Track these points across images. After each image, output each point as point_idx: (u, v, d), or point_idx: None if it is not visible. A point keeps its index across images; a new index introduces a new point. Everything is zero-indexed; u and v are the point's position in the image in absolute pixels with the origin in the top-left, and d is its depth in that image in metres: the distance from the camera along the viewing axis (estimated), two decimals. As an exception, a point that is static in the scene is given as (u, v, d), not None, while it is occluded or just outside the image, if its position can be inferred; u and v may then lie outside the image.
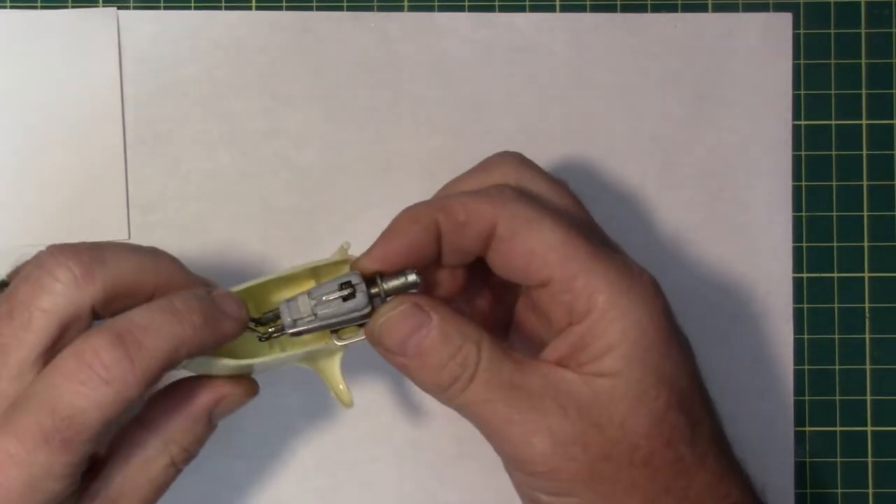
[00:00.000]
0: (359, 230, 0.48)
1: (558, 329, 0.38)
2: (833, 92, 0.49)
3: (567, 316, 0.37)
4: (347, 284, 0.37)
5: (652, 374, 0.36)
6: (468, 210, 0.38)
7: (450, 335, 0.37)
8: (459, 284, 0.41)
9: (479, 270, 0.41)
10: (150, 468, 0.37)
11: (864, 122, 0.49)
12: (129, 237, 0.48)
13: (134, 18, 0.48)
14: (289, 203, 0.48)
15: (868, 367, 0.49)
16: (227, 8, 0.49)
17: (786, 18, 0.49)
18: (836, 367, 0.49)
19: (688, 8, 0.49)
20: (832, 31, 0.49)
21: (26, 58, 0.48)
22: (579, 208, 0.41)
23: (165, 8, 0.48)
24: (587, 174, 0.49)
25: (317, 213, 0.48)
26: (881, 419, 0.49)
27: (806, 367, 0.49)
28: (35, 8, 0.48)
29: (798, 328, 0.49)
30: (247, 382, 0.39)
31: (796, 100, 0.49)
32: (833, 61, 0.49)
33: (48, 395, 0.34)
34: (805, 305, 0.49)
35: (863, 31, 0.49)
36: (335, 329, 0.38)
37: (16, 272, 0.40)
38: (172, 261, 0.39)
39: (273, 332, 0.38)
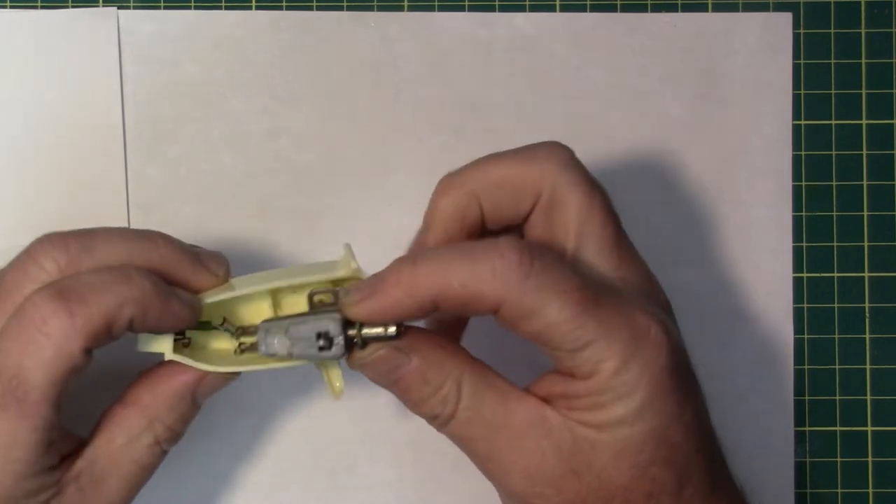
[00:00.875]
0: (359, 230, 0.48)
1: (558, 365, 0.37)
2: (833, 92, 0.49)
3: (569, 367, 0.36)
4: (326, 335, 0.37)
5: (639, 432, 0.35)
6: (467, 290, 0.35)
7: (428, 377, 0.37)
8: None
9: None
10: (134, 447, 0.37)
11: (864, 122, 0.49)
12: (129, 237, 0.48)
13: (134, 18, 0.48)
14: (289, 203, 0.48)
15: (868, 367, 0.49)
16: (227, 8, 0.49)
17: (786, 18, 0.49)
18: (836, 367, 0.49)
19: (688, 8, 0.49)
20: (832, 30, 0.49)
21: (26, 58, 0.48)
22: (609, 223, 0.39)
23: (165, 8, 0.48)
24: (587, 174, 0.49)
25: (317, 213, 0.48)
26: (881, 419, 0.49)
27: (806, 367, 0.49)
28: (35, 8, 0.48)
29: (798, 328, 0.49)
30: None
31: (796, 100, 0.49)
32: (833, 61, 0.49)
33: None
34: (805, 305, 0.49)
35: (863, 31, 0.49)
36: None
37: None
38: (168, 244, 0.38)
39: (249, 348, 0.38)
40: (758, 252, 0.49)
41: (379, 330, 0.37)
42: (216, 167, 0.48)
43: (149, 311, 0.36)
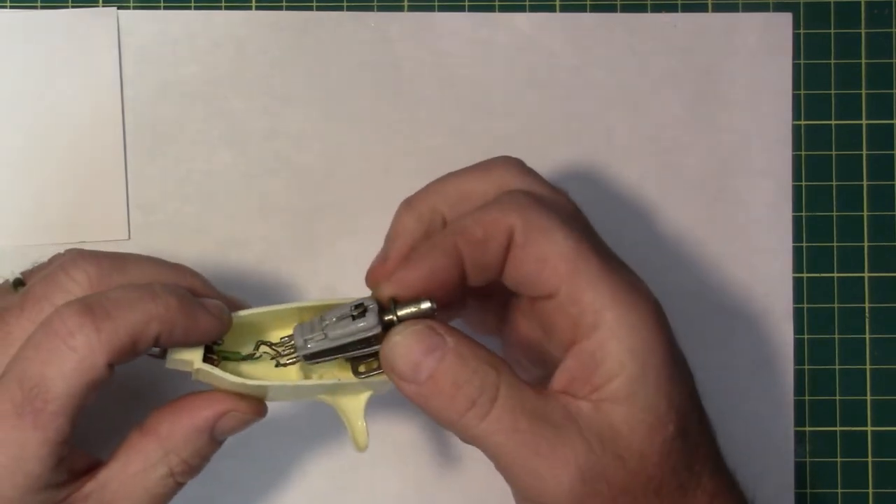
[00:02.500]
0: (359, 230, 0.48)
1: (562, 343, 0.37)
2: (833, 92, 0.49)
3: (572, 329, 0.36)
4: (360, 306, 0.36)
5: (663, 398, 0.35)
6: (485, 225, 0.37)
7: (465, 357, 0.35)
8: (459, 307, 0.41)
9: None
10: (148, 477, 0.37)
11: (864, 122, 0.49)
12: (129, 237, 0.48)
13: (134, 18, 0.48)
14: (289, 203, 0.48)
15: (868, 367, 0.49)
16: (227, 8, 0.49)
17: (786, 18, 0.49)
18: (836, 367, 0.49)
19: (688, 8, 0.49)
20: (832, 31, 0.49)
21: (26, 58, 0.48)
22: (580, 216, 0.40)
23: (165, 8, 0.48)
24: (587, 174, 0.49)
25: (317, 213, 0.48)
26: (881, 419, 0.49)
27: (806, 367, 0.49)
28: (35, 8, 0.48)
29: (798, 328, 0.49)
30: (254, 402, 0.38)
31: (796, 100, 0.49)
32: (833, 61, 0.49)
33: (19, 368, 0.34)
34: (805, 305, 0.49)
35: (863, 31, 0.49)
36: (355, 365, 0.38)
37: (30, 272, 0.40)
38: (195, 277, 0.39)
39: (286, 354, 0.38)
40: (758, 252, 0.49)
41: (413, 308, 0.36)
42: (216, 167, 0.48)
43: (175, 327, 0.36)
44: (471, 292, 0.39)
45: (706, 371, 0.39)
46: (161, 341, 0.36)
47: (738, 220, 0.49)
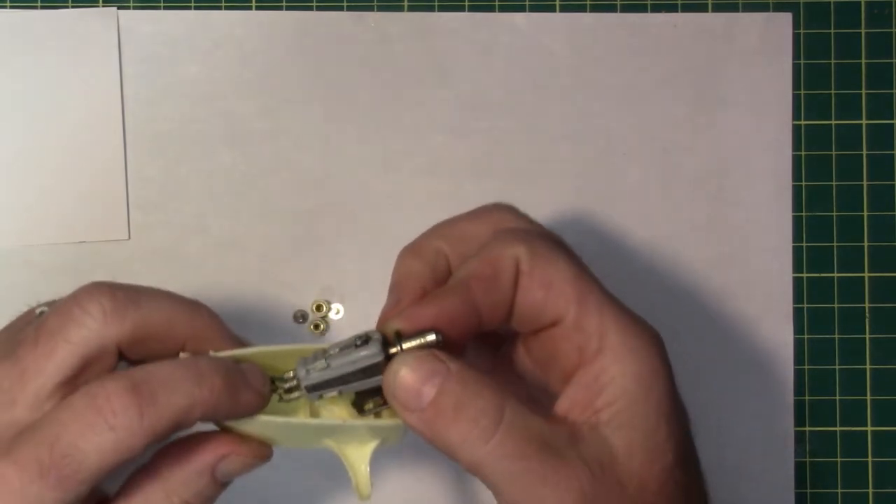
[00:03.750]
0: (359, 230, 0.48)
1: (566, 370, 0.36)
2: (833, 92, 0.49)
3: (577, 355, 0.36)
4: (364, 337, 0.36)
5: (664, 425, 0.35)
6: (492, 261, 0.36)
7: (468, 382, 0.35)
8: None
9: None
10: None
11: (864, 122, 0.49)
12: (129, 237, 0.48)
13: (134, 18, 0.48)
14: (289, 203, 0.48)
15: (868, 367, 0.49)
16: (227, 8, 0.49)
17: (786, 18, 0.49)
18: (836, 367, 0.49)
19: (688, 8, 0.49)
20: (832, 31, 0.49)
21: (26, 58, 0.48)
22: (577, 255, 0.39)
23: (165, 8, 0.48)
24: (587, 174, 0.49)
25: (317, 213, 0.48)
26: (881, 419, 0.49)
27: (806, 367, 0.49)
28: (35, 8, 0.48)
29: (798, 328, 0.49)
30: (256, 444, 0.38)
31: (796, 100, 0.49)
32: (833, 61, 0.49)
33: (53, 430, 0.34)
34: (805, 305, 0.49)
35: (863, 31, 0.49)
36: (360, 402, 0.37)
37: (54, 303, 0.39)
38: (211, 316, 0.38)
39: (288, 388, 0.37)
40: (758, 252, 0.49)
41: (417, 340, 0.35)
42: (216, 167, 0.48)
43: (218, 410, 0.35)
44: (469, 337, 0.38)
45: (707, 371, 0.39)
46: (202, 420, 0.36)
47: (738, 220, 0.49)
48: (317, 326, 0.48)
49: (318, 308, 0.48)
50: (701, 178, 0.49)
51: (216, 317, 0.38)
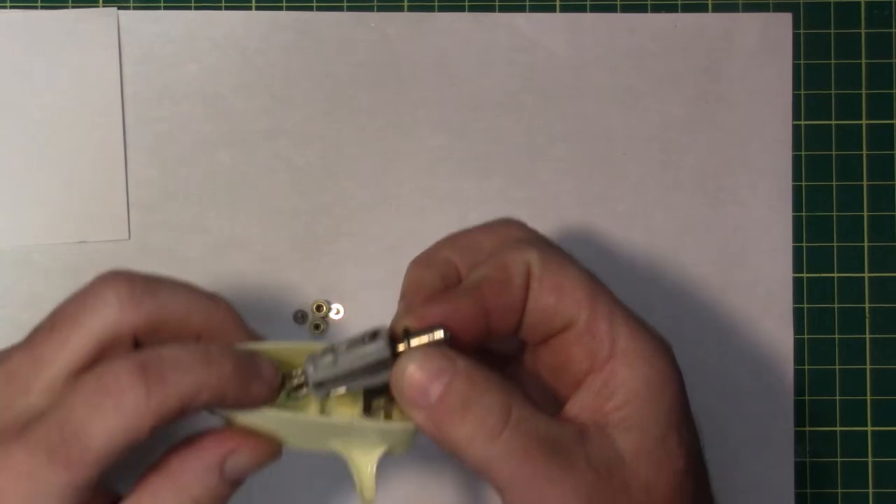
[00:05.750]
0: (359, 230, 0.48)
1: (577, 376, 0.36)
2: (833, 92, 0.49)
3: (588, 360, 0.36)
4: (373, 333, 0.36)
5: (673, 431, 0.35)
6: (503, 266, 0.36)
7: (476, 380, 0.35)
8: None
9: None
10: None
11: (864, 122, 0.49)
12: (129, 237, 0.48)
13: (134, 18, 0.48)
14: (289, 203, 0.48)
15: (868, 367, 0.49)
16: (227, 8, 0.49)
17: (786, 18, 0.49)
18: (836, 367, 0.49)
19: (688, 8, 0.49)
20: (832, 31, 0.49)
21: (26, 58, 0.48)
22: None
23: (165, 8, 0.48)
24: (587, 174, 0.49)
25: (317, 213, 0.48)
26: (881, 419, 0.49)
27: (806, 367, 0.49)
28: (35, 8, 0.48)
29: (798, 328, 0.49)
30: (265, 440, 0.37)
31: (796, 100, 0.49)
32: (833, 61, 0.49)
33: (62, 413, 0.34)
34: (805, 305, 0.49)
35: (863, 31, 0.49)
36: (367, 401, 0.37)
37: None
38: (228, 309, 0.38)
39: (297, 385, 0.37)
40: (758, 252, 0.49)
41: (425, 337, 0.35)
42: (216, 167, 0.48)
43: (226, 396, 0.35)
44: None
45: (707, 371, 0.39)
46: (210, 406, 0.36)
47: (738, 220, 0.49)
48: (317, 326, 0.48)
49: (318, 308, 0.48)
50: (701, 178, 0.49)
51: (233, 311, 0.38)
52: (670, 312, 0.48)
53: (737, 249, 0.49)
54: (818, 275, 0.49)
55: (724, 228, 0.49)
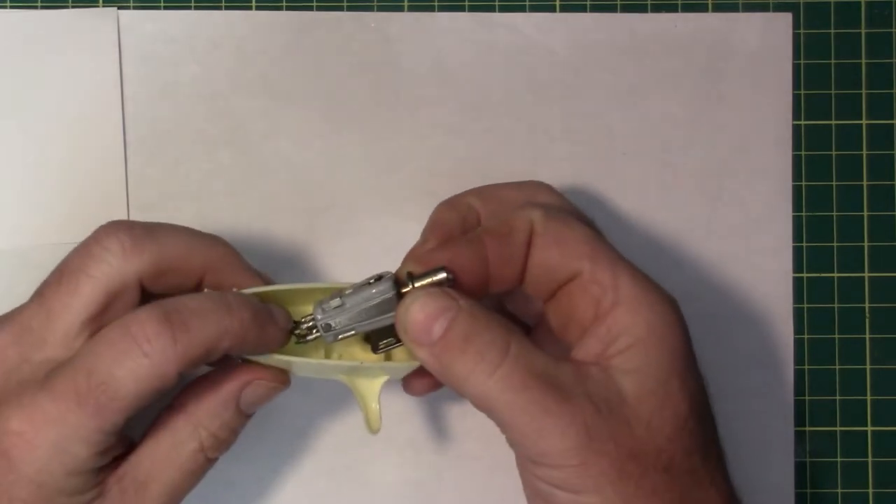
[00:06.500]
0: (359, 230, 0.48)
1: (583, 325, 0.37)
2: (833, 92, 0.49)
3: (593, 309, 0.37)
4: (378, 277, 0.38)
5: (676, 376, 0.36)
6: (509, 221, 0.38)
7: (478, 317, 0.36)
8: None
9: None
10: (179, 453, 0.38)
11: (864, 122, 0.49)
12: (129, 237, 0.48)
13: (134, 18, 0.48)
14: (289, 203, 0.48)
15: (868, 367, 0.49)
16: (227, 8, 0.49)
17: (786, 18, 0.49)
18: (836, 367, 0.49)
19: (688, 8, 0.49)
20: (832, 31, 0.49)
21: (26, 58, 0.48)
22: (603, 235, 0.41)
23: (165, 8, 0.48)
24: (587, 174, 0.49)
25: (317, 213, 0.48)
26: (881, 419, 0.49)
27: (806, 367, 0.49)
28: (35, 8, 0.48)
29: (798, 328, 0.49)
30: (276, 371, 0.39)
31: (796, 100, 0.49)
32: (833, 61, 0.49)
33: (88, 360, 0.35)
34: (805, 305, 0.49)
35: (863, 31, 0.49)
36: (374, 341, 0.39)
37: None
38: (227, 247, 0.40)
39: (307, 329, 0.39)
40: (758, 252, 0.49)
41: (428, 278, 0.37)
42: (216, 167, 0.48)
43: (246, 342, 0.37)
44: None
45: (706, 371, 0.39)
46: (229, 352, 0.37)
47: (738, 220, 0.49)
48: (317, 326, 0.48)
49: (318, 308, 0.48)
50: (701, 178, 0.49)
51: (232, 248, 0.40)
52: (670, 312, 0.48)
53: (737, 249, 0.49)
54: (818, 275, 0.49)
55: (724, 228, 0.49)
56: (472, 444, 0.48)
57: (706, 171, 0.49)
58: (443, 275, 0.37)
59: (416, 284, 0.37)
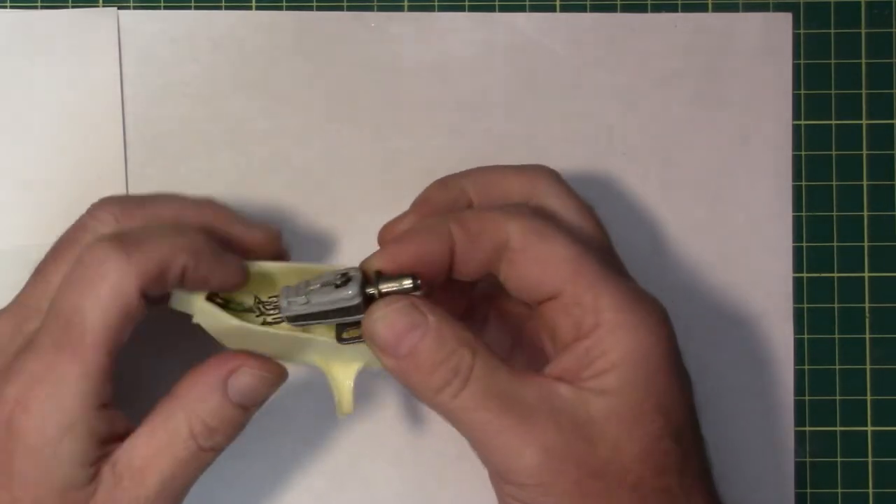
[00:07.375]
0: (359, 230, 0.48)
1: (563, 344, 0.37)
2: (833, 92, 0.49)
3: (574, 331, 0.37)
4: (345, 276, 0.37)
5: (651, 397, 0.36)
6: (482, 220, 0.38)
7: (445, 338, 0.36)
8: (459, 313, 0.41)
9: (481, 303, 0.42)
10: (172, 440, 0.37)
11: (864, 122, 0.49)
12: (129, 237, 0.48)
13: (134, 18, 0.48)
14: (289, 203, 0.48)
15: (868, 367, 0.49)
16: (227, 8, 0.49)
17: (786, 18, 0.49)
18: (836, 367, 0.49)
19: (688, 8, 0.49)
20: (832, 31, 0.49)
21: (26, 58, 0.48)
22: (600, 234, 0.41)
23: (165, 8, 0.48)
24: (587, 174, 0.49)
25: (317, 213, 0.48)
26: (881, 419, 0.49)
27: (806, 367, 0.49)
28: (35, 8, 0.48)
29: (798, 328, 0.49)
30: (265, 360, 0.39)
31: (796, 100, 0.49)
32: (833, 61, 0.49)
33: (56, 304, 0.36)
34: (805, 305, 0.49)
35: (863, 31, 0.49)
36: (339, 331, 0.39)
37: None
38: (220, 208, 0.40)
39: (270, 313, 0.39)
40: (758, 252, 0.49)
41: (395, 284, 0.37)
42: (216, 167, 0.48)
43: (201, 262, 0.37)
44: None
45: (706, 371, 0.39)
46: (187, 277, 0.37)
47: (738, 220, 0.49)
48: (317, 326, 0.48)
49: (318, 308, 0.48)
50: (701, 178, 0.49)
51: (226, 208, 0.41)
52: (670, 312, 0.47)
53: (737, 249, 0.49)
54: (818, 275, 0.49)
55: (724, 228, 0.49)
56: (472, 444, 0.48)
57: (706, 171, 0.49)
58: (409, 282, 0.37)
59: (382, 288, 0.37)
